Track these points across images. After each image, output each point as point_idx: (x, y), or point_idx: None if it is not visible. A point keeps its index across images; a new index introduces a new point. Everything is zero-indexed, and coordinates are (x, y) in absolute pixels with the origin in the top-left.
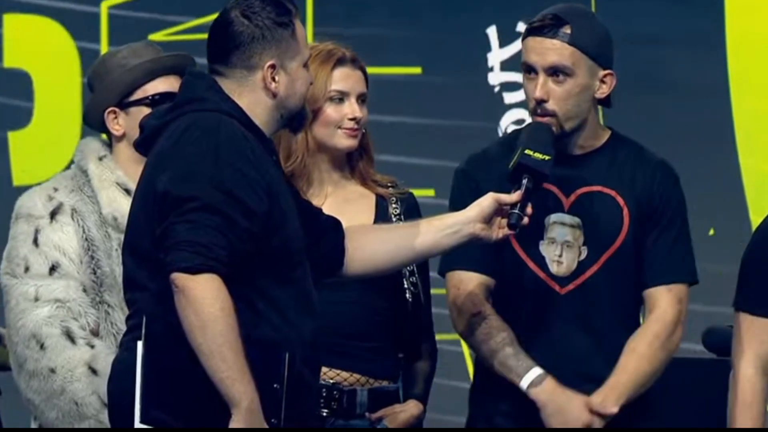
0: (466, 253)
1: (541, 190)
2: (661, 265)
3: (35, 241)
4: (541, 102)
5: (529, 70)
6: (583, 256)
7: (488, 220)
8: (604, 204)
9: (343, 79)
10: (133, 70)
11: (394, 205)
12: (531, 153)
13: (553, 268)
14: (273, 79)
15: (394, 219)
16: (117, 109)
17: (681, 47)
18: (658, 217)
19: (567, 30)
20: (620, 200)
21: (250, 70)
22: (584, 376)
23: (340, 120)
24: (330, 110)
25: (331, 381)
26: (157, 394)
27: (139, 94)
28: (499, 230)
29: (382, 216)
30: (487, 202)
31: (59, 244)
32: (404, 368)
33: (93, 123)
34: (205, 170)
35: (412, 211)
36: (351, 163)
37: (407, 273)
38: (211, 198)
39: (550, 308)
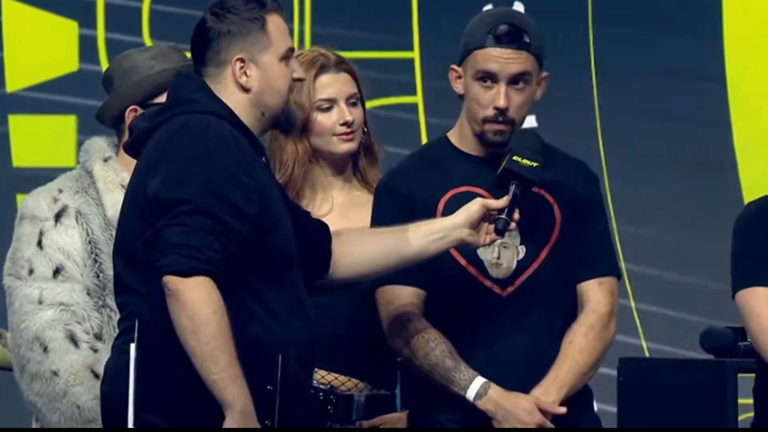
0: None
1: (469, 197)
2: (590, 259)
3: (39, 244)
4: (503, 111)
5: (485, 78)
6: (522, 255)
7: (476, 226)
8: (535, 201)
9: (328, 85)
10: (163, 73)
11: None
12: (519, 159)
13: (493, 271)
14: (244, 73)
15: None
16: (138, 108)
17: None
18: (582, 215)
19: (527, 39)
20: (549, 197)
21: (220, 66)
22: (529, 378)
23: (332, 127)
24: (320, 118)
25: (329, 385)
26: (150, 397)
27: (163, 97)
28: (486, 236)
29: None
30: (474, 207)
31: (63, 246)
32: (402, 375)
33: (107, 119)
34: (197, 173)
35: None
36: (355, 166)
37: None
38: (203, 201)
39: (494, 312)
